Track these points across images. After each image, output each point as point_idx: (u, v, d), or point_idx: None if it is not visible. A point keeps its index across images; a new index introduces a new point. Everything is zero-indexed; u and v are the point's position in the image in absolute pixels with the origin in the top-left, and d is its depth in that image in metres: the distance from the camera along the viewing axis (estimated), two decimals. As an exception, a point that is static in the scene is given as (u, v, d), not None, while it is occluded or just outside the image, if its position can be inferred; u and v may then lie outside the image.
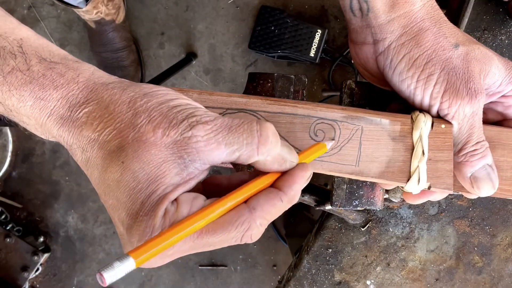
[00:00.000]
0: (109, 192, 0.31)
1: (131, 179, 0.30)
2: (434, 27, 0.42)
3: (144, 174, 0.30)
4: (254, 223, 0.32)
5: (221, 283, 1.45)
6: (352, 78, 1.37)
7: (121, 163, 0.30)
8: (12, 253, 1.32)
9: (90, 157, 0.31)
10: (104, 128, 0.31)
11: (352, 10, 0.45)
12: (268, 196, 0.33)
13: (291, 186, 0.34)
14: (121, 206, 0.30)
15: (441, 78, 0.41)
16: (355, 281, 0.66)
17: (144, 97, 0.32)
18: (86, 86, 0.32)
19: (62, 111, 0.31)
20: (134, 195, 0.30)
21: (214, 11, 1.37)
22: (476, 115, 0.41)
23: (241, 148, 0.32)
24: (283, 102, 0.41)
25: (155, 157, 0.30)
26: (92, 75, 0.33)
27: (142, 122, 0.31)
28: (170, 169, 0.30)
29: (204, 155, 0.31)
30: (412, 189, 0.42)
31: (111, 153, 0.30)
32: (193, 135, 0.31)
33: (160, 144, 0.30)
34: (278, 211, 0.33)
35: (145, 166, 0.30)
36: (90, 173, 0.32)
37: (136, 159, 0.30)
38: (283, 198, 0.33)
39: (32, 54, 0.32)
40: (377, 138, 0.42)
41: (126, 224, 0.30)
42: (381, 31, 0.43)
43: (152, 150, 0.30)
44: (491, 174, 0.42)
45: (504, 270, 0.66)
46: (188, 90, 0.40)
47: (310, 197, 0.60)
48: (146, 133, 0.30)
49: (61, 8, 1.37)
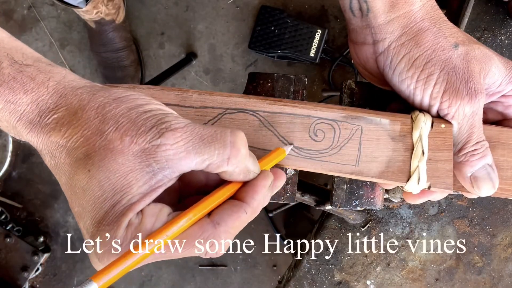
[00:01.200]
0: (75, 199, 0.31)
1: (96, 188, 0.29)
2: (434, 27, 0.42)
3: (109, 184, 0.29)
4: (219, 238, 0.31)
5: (221, 283, 1.45)
6: (352, 78, 1.37)
7: (87, 171, 0.30)
8: (12, 253, 1.32)
9: (58, 162, 0.31)
10: (71, 135, 0.30)
11: (352, 10, 0.45)
12: (232, 209, 0.32)
13: (253, 197, 0.34)
14: (86, 214, 0.30)
15: (440, 78, 0.41)
16: (355, 281, 0.66)
17: (113, 103, 0.31)
18: (56, 91, 0.31)
19: (31, 116, 0.31)
20: (99, 204, 0.30)
21: (214, 11, 1.37)
22: (476, 115, 0.41)
23: (212, 158, 0.31)
24: (282, 102, 0.41)
25: (122, 166, 0.29)
26: (63, 79, 0.32)
27: (110, 129, 0.30)
28: (137, 178, 0.30)
29: (173, 163, 0.30)
30: (412, 189, 0.42)
31: (78, 161, 0.30)
32: (162, 143, 0.30)
33: (127, 152, 0.30)
34: (242, 223, 0.33)
35: (111, 175, 0.29)
36: (58, 178, 0.32)
37: (102, 168, 0.29)
38: (247, 209, 0.33)
39: (3, 56, 0.31)
40: (377, 138, 0.42)
41: (90, 232, 0.30)
42: (380, 31, 0.43)
43: (119, 159, 0.29)
44: (491, 174, 0.42)
45: (504, 270, 0.66)
46: (188, 90, 0.40)
47: (310, 197, 0.60)
48: (113, 141, 0.30)
49: (61, 8, 1.37)
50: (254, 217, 0.34)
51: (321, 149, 0.41)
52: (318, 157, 0.41)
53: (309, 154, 0.41)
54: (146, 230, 0.30)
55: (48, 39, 1.39)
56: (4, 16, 1.39)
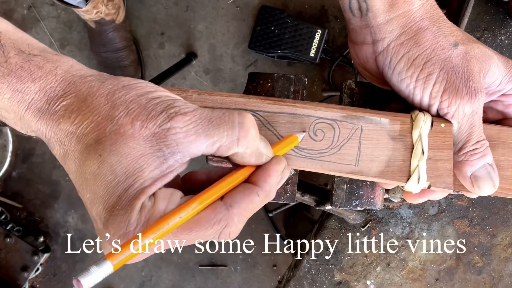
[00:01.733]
0: (86, 186, 0.30)
1: (108, 172, 0.29)
2: (433, 26, 0.42)
3: (121, 168, 0.29)
4: (232, 221, 0.31)
5: (221, 283, 1.45)
6: (352, 78, 1.37)
7: (98, 156, 0.30)
8: (12, 253, 1.32)
9: (67, 150, 0.31)
10: (81, 121, 0.30)
11: (351, 10, 0.45)
12: (244, 192, 0.33)
13: (266, 180, 0.34)
14: (98, 200, 0.30)
15: (440, 78, 0.41)
16: (355, 281, 0.66)
17: (123, 90, 0.31)
18: (64, 79, 0.32)
19: (40, 104, 0.31)
20: (111, 189, 0.30)
21: (214, 11, 1.37)
22: (476, 114, 0.41)
23: (221, 140, 0.31)
24: (282, 102, 0.41)
25: (133, 150, 0.30)
26: (71, 68, 0.32)
27: (120, 114, 0.30)
28: (148, 162, 0.30)
29: (184, 147, 0.31)
30: (412, 188, 0.42)
31: (89, 146, 0.30)
32: (172, 126, 0.30)
33: (138, 137, 0.30)
34: (255, 206, 0.33)
35: (123, 159, 0.29)
36: (68, 166, 0.32)
37: (113, 152, 0.29)
38: (260, 193, 0.33)
39: (10, 47, 0.32)
40: (376, 137, 0.41)
41: (102, 218, 0.30)
42: (380, 30, 0.43)
43: (130, 143, 0.30)
44: (492, 173, 0.42)
45: (504, 270, 0.66)
46: (188, 91, 0.40)
47: (310, 197, 0.60)
48: (124, 126, 0.30)
49: (61, 8, 1.37)
50: (266, 202, 0.34)
51: (320, 148, 0.41)
52: (317, 156, 0.41)
53: (309, 154, 0.41)
54: (159, 213, 0.30)
55: (48, 39, 1.39)
56: (4, 16, 1.39)
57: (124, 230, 0.29)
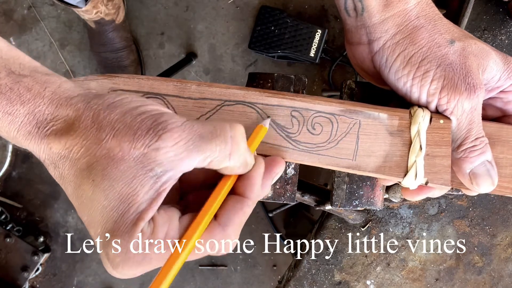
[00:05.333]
0: (83, 209, 0.31)
1: (102, 197, 0.29)
2: (429, 24, 0.42)
3: (114, 192, 0.29)
4: (230, 239, 0.32)
5: (221, 283, 1.45)
6: (352, 78, 1.37)
7: (92, 181, 0.30)
8: (12, 253, 1.32)
9: (62, 173, 0.31)
10: (72, 146, 0.30)
11: (347, 10, 0.45)
12: (235, 207, 0.33)
13: (252, 190, 0.34)
14: (96, 224, 0.30)
15: (437, 75, 0.41)
16: (355, 281, 0.66)
17: (107, 109, 0.31)
18: (51, 101, 0.31)
19: (29, 127, 0.31)
20: (107, 214, 0.29)
21: (214, 11, 1.37)
22: (475, 110, 0.41)
23: (213, 155, 0.31)
24: (281, 95, 0.41)
25: (125, 173, 0.29)
26: (58, 89, 0.32)
27: (107, 137, 0.30)
28: (142, 184, 0.30)
29: (175, 164, 0.30)
30: (409, 184, 0.42)
31: (82, 171, 0.30)
32: (161, 146, 0.30)
33: (128, 159, 0.30)
34: (246, 217, 0.34)
35: (115, 183, 0.29)
36: (64, 188, 0.32)
37: (105, 177, 0.29)
38: (249, 203, 0.34)
39: (1, 67, 0.31)
40: (374, 132, 0.41)
41: (101, 244, 0.30)
42: (375, 30, 0.43)
43: (121, 166, 0.29)
44: (491, 171, 0.42)
45: (504, 270, 0.66)
46: (187, 82, 0.40)
47: (310, 197, 0.60)
48: (112, 149, 0.30)
49: (61, 8, 1.37)
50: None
51: (318, 142, 0.41)
52: (315, 150, 0.41)
53: (307, 148, 0.41)
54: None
55: (48, 39, 1.39)
56: (4, 16, 1.39)
57: (123, 257, 0.30)
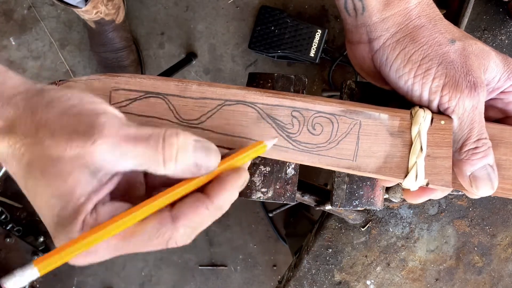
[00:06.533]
0: (33, 203, 0.31)
1: (44, 194, 0.30)
2: (430, 23, 0.42)
3: (54, 189, 0.30)
4: (177, 232, 0.31)
5: (221, 283, 1.45)
6: (352, 78, 1.37)
7: (34, 178, 0.30)
8: (12, 253, 1.32)
9: (12, 169, 0.32)
10: (14, 144, 0.31)
11: (347, 10, 0.45)
12: (193, 204, 0.32)
13: (218, 195, 0.32)
14: (44, 218, 0.31)
15: (439, 72, 0.41)
16: (355, 281, 0.66)
17: (45, 108, 0.31)
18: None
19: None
20: (49, 210, 0.30)
21: (214, 11, 1.37)
22: (477, 109, 0.41)
23: (147, 163, 0.31)
24: (281, 95, 0.41)
25: (61, 171, 0.30)
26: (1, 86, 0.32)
27: (44, 137, 0.30)
28: (78, 180, 0.30)
29: (110, 165, 0.30)
30: (410, 185, 0.42)
31: (25, 168, 0.31)
32: (95, 148, 0.30)
33: (64, 157, 0.30)
34: (203, 219, 0.32)
35: (52, 182, 0.30)
36: (18, 182, 0.32)
37: (44, 174, 0.30)
38: (209, 206, 0.32)
39: None
40: (375, 133, 0.41)
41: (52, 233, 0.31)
42: (375, 29, 0.43)
43: (58, 165, 0.30)
44: (491, 175, 0.41)
45: (504, 270, 0.66)
46: (188, 81, 0.40)
47: (310, 197, 0.60)
48: (49, 148, 0.30)
49: (61, 8, 1.37)
50: (219, 216, 0.33)
51: (319, 142, 0.41)
52: (315, 151, 0.41)
53: (307, 148, 0.41)
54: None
55: (48, 39, 1.39)
56: (4, 16, 1.39)
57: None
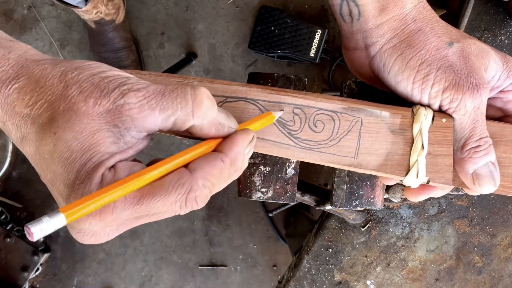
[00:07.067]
0: (46, 166, 0.31)
1: (64, 149, 0.29)
2: (426, 27, 0.42)
3: (77, 143, 0.29)
4: (196, 184, 0.31)
5: (221, 283, 1.45)
6: (352, 78, 1.36)
7: (53, 134, 0.30)
8: (12, 253, 1.32)
9: (24, 133, 0.31)
10: (35, 102, 0.30)
11: (342, 16, 0.44)
12: (208, 157, 0.33)
13: (231, 148, 0.34)
14: (58, 178, 0.30)
15: (438, 77, 0.41)
16: (355, 281, 0.66)
17: (76, 70, 0.32)
18: (17, 63, 0.32)
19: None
20: (69, 165, 0.29)
21: (214, 11, 1.37)
22: (478, 110, 0.41)
23: (176, 113, 0.31)
24: (283, 92, 0.41)
25: (88, 126, 0.30)
26: (24, 53, 0.33)
27: (73, 93, 0.30)
28: (105, 137, 0.30)
29: (139, 122, 0.31)
30: (411, 183, 0.42)
31: (43, 126, 0.30)
32: (126, 102, 0.30)
33: (92, 114, 0.30)
34: (220, 173, 0.33)
35: (78, 135, 0.29)
36: (26, 150, 0.32)
37: (68, 128, 0.29)
38: (224, 158, 0.33)
39: None
40: (376, 130, 0.41)
41: (64, 195, 0.30)
42: (371, 35, 0.43)
43: (84, 120, 0.30)
44: (493, 172, 0.42)
45: (504, 270, 0.66)
46: (189, 78, 0.40)
47: (310, 197, 0.60)
48: (77, 103, 0.30)
49: (61, 8, 1.37)
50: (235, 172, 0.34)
51: (320, 140, 0.41)
52: (317, 148, 0.41)
53: (308, 145, 0.41)
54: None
55: (48, 39, 1.39)
56: (4, 16, 1.39)
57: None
